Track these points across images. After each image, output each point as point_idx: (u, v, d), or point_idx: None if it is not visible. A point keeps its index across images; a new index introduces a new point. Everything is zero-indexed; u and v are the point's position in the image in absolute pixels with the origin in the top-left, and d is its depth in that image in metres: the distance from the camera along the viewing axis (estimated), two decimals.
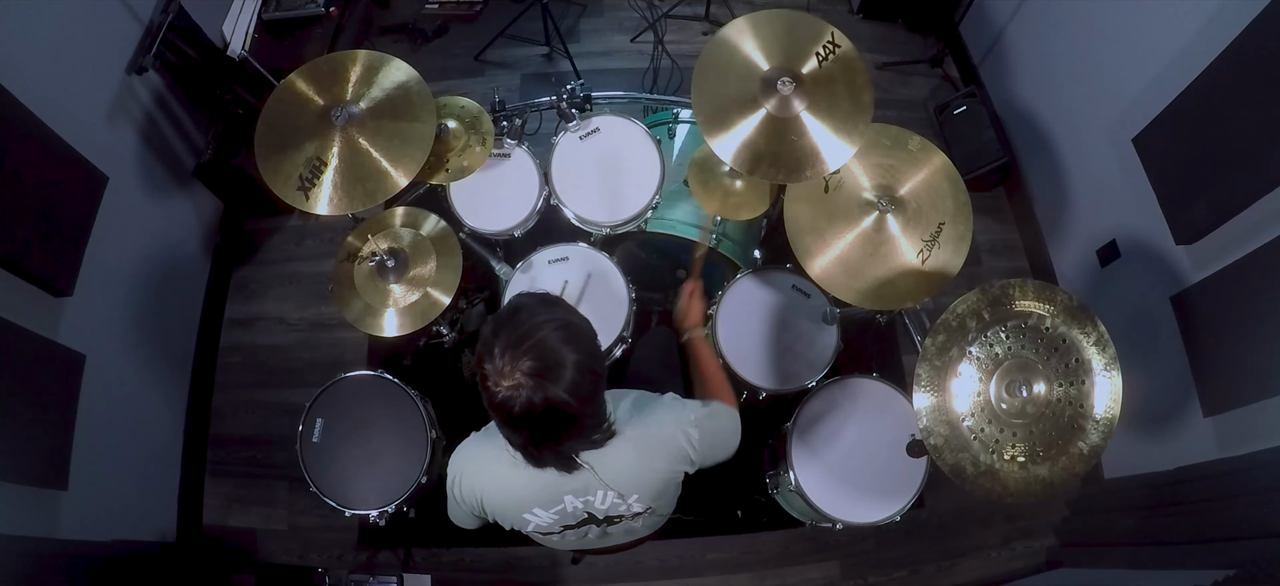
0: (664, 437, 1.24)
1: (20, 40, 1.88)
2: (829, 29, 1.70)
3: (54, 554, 1.86)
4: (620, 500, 1.25)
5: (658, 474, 1.26)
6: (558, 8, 3.09)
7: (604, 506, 1.26)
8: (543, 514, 1.26)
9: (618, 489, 1.23)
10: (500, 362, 0.99)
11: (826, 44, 1.69)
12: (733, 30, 1.73)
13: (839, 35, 1.70)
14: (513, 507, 1.26)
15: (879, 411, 1.96)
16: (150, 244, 2.45)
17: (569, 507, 1.25)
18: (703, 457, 1.30)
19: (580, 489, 1.22)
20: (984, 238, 2.94)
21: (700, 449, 1.27)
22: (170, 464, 2.47)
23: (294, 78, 1.86)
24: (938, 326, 1.51)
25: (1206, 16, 1.89)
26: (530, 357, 0.98)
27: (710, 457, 1.32)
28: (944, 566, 2.48)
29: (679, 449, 1.25)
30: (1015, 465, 1.45)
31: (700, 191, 2.02)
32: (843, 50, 1.69)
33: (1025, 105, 2.84)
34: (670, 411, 1.27)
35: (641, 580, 2.42)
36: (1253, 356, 1.81)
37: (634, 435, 1.21)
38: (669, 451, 1.25)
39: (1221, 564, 1.65)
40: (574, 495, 1.23)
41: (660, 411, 1.26)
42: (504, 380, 0.98)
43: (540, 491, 1.22)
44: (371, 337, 2.09)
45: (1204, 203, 1.91)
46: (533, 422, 1.00)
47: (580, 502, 1.25)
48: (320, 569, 2.25)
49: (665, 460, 1.26)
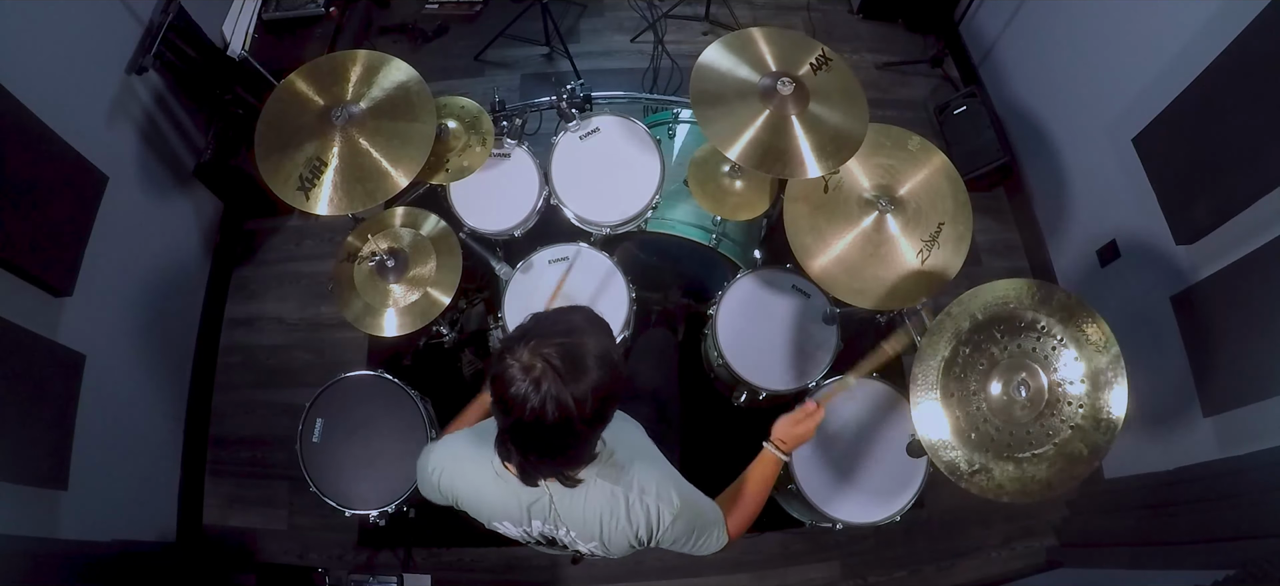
0: (640, 507, 1.17)
1: (20, 40, 1.88)
2: (818, 46, 1.73)
3: (54, 554, 1.86)
4: (578, 541, 1.25)
5: (618, 534, 1.20)
6: (558, 8, 3.10)
7: (565, 539, 1.26)
8: (511, 528, 1.27)
9: (577, 532, 1.22)
10: (534, 345, 0.96)
11: (818, 57, 1.71)
12: (725, 44, 1.74)
13: (829, 51, 1.72)
14: (485, 514, 1.26)
15: (879, 411, 1.96)
16: (150, 244, 2.45)
17: (535, 530, 1.25)
18: (667, 544, 1.24)
19: (545, 517, 1.22)
20: (984, 238, 2.94)
21: (669, 535, 1.21)
22: (170, 464, 2.47)
23: (294, 77, 1.86)
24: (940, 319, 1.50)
25: (1206, 16, 1.90)
26: (558, 350, 0.96)
27: (675, 547, 1.27)
28: (944, 566, 2.48)
29: (648, 521, 1.19)
30: (1009, 464, 1.45)
31: (700, 191, 2.02)
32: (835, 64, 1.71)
33: (1025, 105, 2.84)
34: (657, 483, 1.19)
35: (641, 580, 2.42)
36: (1253, 356, 1.81)
37: (609, 489, 1.16)
38: (634, 521, 1.18)
39: (1221, 564, 1.65)
40: (541, 521, 1.23)
41: (649, 478, 1.19)
42: (518, 362, 0.96)
43: (511, 509, 1.22)
44: (371, 337, 2.09)
45: (1204, 203, 1.91)
46: (513, 418, 0.97)
47: (547, 529, 1.24)
48: (320, 569, 2.26)
49: (627, 528, 1.19)
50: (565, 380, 0.95)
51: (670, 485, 1.21)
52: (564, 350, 0.96)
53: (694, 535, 1.26)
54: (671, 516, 1.19)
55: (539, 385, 0.95)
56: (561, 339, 0.97)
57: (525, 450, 1.04)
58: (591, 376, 0.97)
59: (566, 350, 0.96)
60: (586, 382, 0.96)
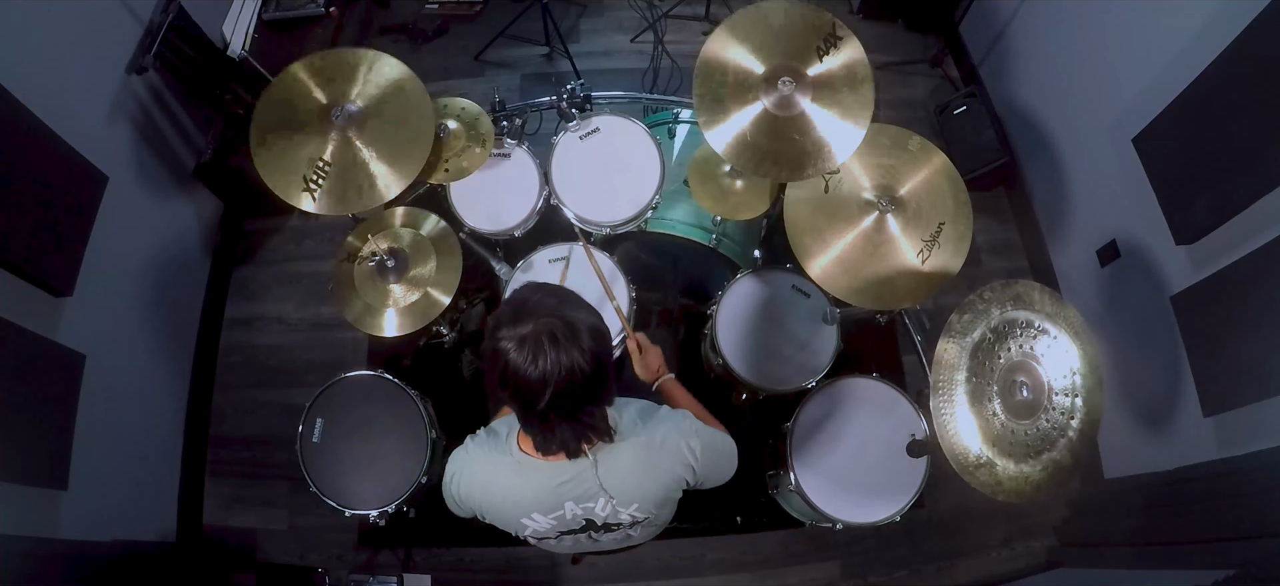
0: (668, 447, 1.24)
1: (20, 40, 1.88)
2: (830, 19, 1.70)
3: (54, 554, 1.86)
4: (620, 508, 1.25)
5: (659, 484, 1.26)
6: (558, 8, 3.09)
7: (603, 513, 1.26)
8: (541, 519, 1.26)
9: (618, 496, 1.23)
10: (514, 331, 1.00)
11: (827, 37, 1.69)
12: (729, 28, 1.72)
13: (840, 27, 1.70)
14: (511, 512, 1.25)
15: (879, 411, 1.96)
16: (150, 244, 2.45)
17: (568, 514, 1.25)
18: (704, 473, 1.29)
19: (581, 495, 1.22)
20: (984, 238, 2.94)
21: (702, 462, 1.27)
22: (170, 464, 2.47)
23: (295, 69, 1.84)
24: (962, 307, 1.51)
25: (1206, 16, 1.89)
26: (545, 324, 1.00)
27: (710, 477, 1.32)
28: (944, 566, 2.48)
29: (682, 459, 1.25)
30: (1009, 462, 1.45)
31: (700, 191, 2.02)
32: (844, 41, 1.69)
33: (1025, 105, 2.84)
34: (673, 421, 1.26)
35: (641, 580, 2.42)
36: (1252, 356, 1.81)
37: (638, 442, 1.21)
38: (671, 461, 1.25)
39: (1221, 564, 1.65)
40: (575, 501, 1.23)
41: (664, 421, 1.26)
42: (518, 343, 0.99)
43: (541, 496, 1.22)
44: (371, 337, 2.09)
45: (1204, 203, 1.91)
46: (552, 390, 1.00)
47: (580, 509, 1.24)
48: (320, 569, 2.26)
49: (667, 470, 1.25)
50: (566, 342, 1.00)
51: (680, 421, 1.27)
52: (549, 321, 1.01)
53: (717, 453, 1.32)
54: (700, 444, 1.26)
55: (561, 344, 0.99)
56: (541, 314, 1.01)
57: (574, 412, 1.07)
58: (583, 330, 1.02)
59: (551, 319, 1.01)
60: (583, 339, 1.01)
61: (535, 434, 1.12)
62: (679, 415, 1.29)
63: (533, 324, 1.00)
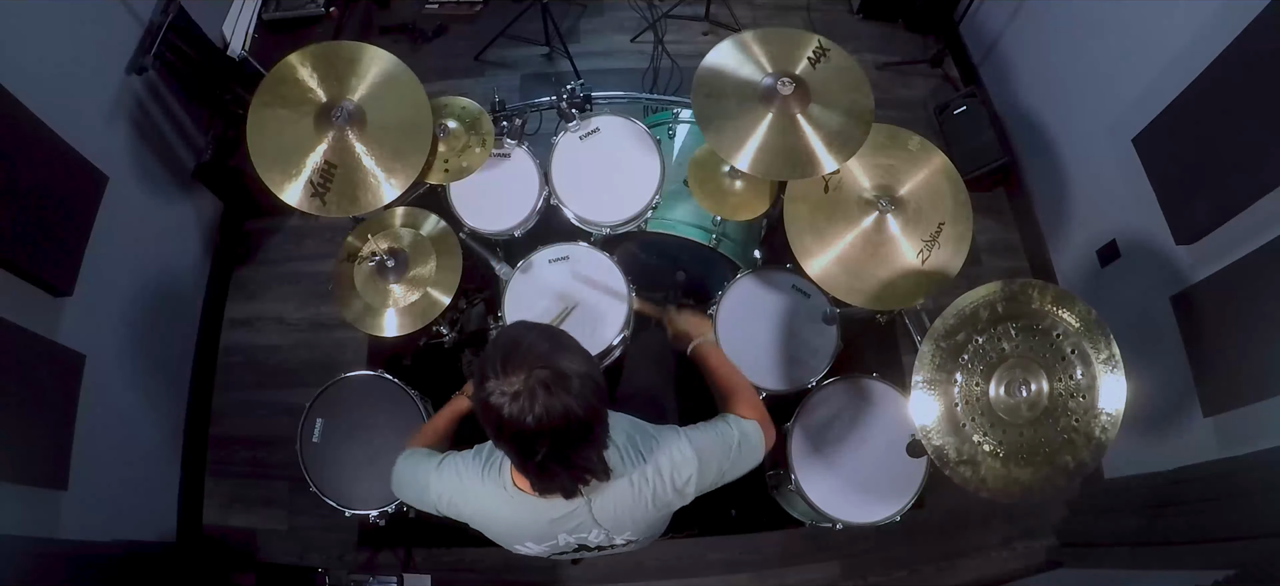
0: (663, 477, 1.21)
1: (20, 40, 1.88)
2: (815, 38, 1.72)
3: (54, 554, 1.86)
4: (614, 535, 1.26)
5: (649, 514, 1.24)
6: (558, 8, 3.09)
7: (597, 540, 1.26)
8: (534, 546, 1.27)
9: (612, 527, 1.23)
10: (505, 381, 0.97)
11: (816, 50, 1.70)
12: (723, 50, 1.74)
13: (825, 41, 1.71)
14: (504, 538, 1.26)
15: (879, 411, 1.96)
16: (150, 244, 2.45)
17: (562, 543, 1.25)
18: (704, 489, 1.26)
19: (574, 527, 1.21)
20: (984, 238, 2.94)
21: (698, 484, 1.24)
22: (170, 464, 2.47)
23: (293, 60, 1.82)
24: (948, 311, 1.50)
25: (1206, 16, 1.89)
26: (537, 371, 0.97)
27: (728, 474, 1.28)
28: (944, 566, 2.48)
29: (676, 487, 1.22)
30: (996, 461, 1.44)
31: (700, 191, 2.02)
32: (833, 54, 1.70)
33: (1025, 105, 2.84)
34: (667, 448, 1.22)
35: (641, 580, 2.42)
36: (1253, 356, 1.81)
37: (632, 477, 1.19)
38: (666, 490, 1.22)
39: (1221, 564, 1.65)
40: (568, 533, 1.22)
41: (657, 449, 1.22)
42: (512, 396, 0.96)
43: (534, 528, 1.21)
44: (371, 337, 2.09)
45: (1204, 203, 1.91)
46: (547, 435, 0.98)
47: (573, 539, 1.24)
48: (320, 569, 2.26)
49: (661, 501, 1.22)
50: (558, 389, 0.97)
51: (676, 445, 1.23)
52: (542, 367, 0.98)
53: (730, 459, 1.27)
54: (696, 471, 1.22)
55: (553, 393, 0.96)
56: (532, 359, 0.98)
57: (570, 457, 1.04)
58: (574, 376, 0.99)
59: (543, 365, 0.98)
60: (574, 384, 0.98)
61: (532, 478, 1.10)
62: (674, 438, 1.24)
63: (525, 375, 0.97)
